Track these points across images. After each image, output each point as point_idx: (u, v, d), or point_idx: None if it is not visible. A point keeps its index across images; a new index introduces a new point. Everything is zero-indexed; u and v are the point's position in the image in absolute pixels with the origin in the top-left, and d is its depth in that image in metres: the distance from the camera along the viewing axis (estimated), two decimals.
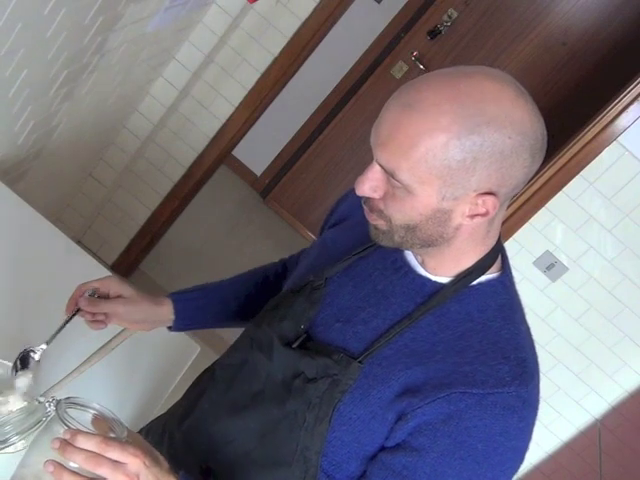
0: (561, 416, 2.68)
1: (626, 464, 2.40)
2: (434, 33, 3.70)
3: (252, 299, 1.32)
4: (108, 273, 1.83)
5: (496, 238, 0.97)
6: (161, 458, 0.94)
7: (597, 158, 2.37)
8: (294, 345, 1.02)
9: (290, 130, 4.21)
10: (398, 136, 0.86)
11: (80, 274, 1.73)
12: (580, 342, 2.57)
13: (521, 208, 2.47)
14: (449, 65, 0.90)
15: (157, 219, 2.98)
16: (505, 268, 0.99)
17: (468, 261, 0.95)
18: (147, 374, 1.57)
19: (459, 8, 3.65)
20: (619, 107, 2.32)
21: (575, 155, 2.39)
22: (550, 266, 2.50)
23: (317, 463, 0.96)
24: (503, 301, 0.96)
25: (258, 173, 4.37)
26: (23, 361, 1.28)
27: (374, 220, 0.94)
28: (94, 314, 1.22)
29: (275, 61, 2.67)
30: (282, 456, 0.99)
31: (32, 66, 1.69)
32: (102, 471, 0.86)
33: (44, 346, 1.28)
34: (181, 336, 1.78)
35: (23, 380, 1.24)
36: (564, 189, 2.42)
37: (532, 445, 2.55)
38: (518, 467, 0.94)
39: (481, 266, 0.95)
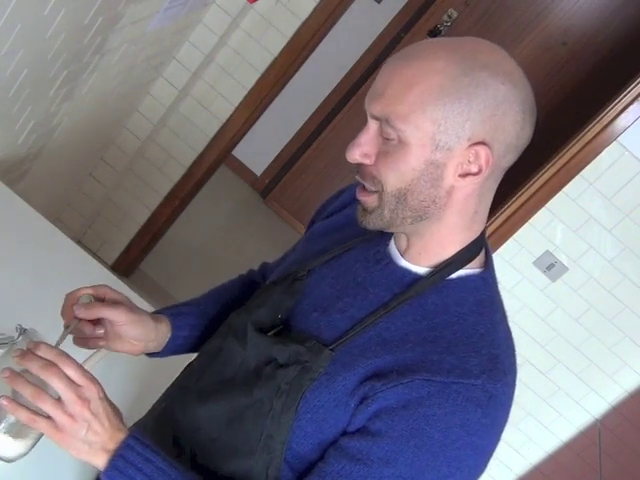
0: (561, 416, 2.68)
1: (626, 464, 2.40)
2: (434, 33, 3.70)
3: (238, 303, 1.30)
4: (108, 273, 1.84)
5: (482, 226, 0.96)
6: (117, 409, 0.93)
7: (597, 158, 2.37)
8: (269, 333, 1.01)
9: (290, 130, 4.21)
10: (394, 82, 0.87)
11: (80, 274, 1.74)
12: (580, 342, 2.57)
13: (521, 208, 2.47)
14: None
15: (157, 219, 2.98)
16: (488, 265, 0.98)
17: (452, 248, 0.93)
18: (146, 374, 1.57)
19: (459, 8, 3.65)
20: (619, 107, 2.32)
21: (575, 155, 2.39)
22: (550, 266, 2.50)
23: (281, 454, 0.94)
24: (483, 297, 0.95)
25: (258, 173, 4.37)
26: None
27: (365, 196, 0.92)
28: (93, 327, 1.10)
29: (275, 61, 2.67)
30: (246, 445, 0.97)
31: (32, 66, 1.69)
32: (55, 383, 0.84)
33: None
34: None
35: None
36: (564, 189, 2.42)
37: (532, 445, 2.54)
38: (479, 469, 0.90)
39: (462, 258, 0.94)
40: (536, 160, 2.69)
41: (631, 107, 2.30)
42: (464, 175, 0.88)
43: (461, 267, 0.94)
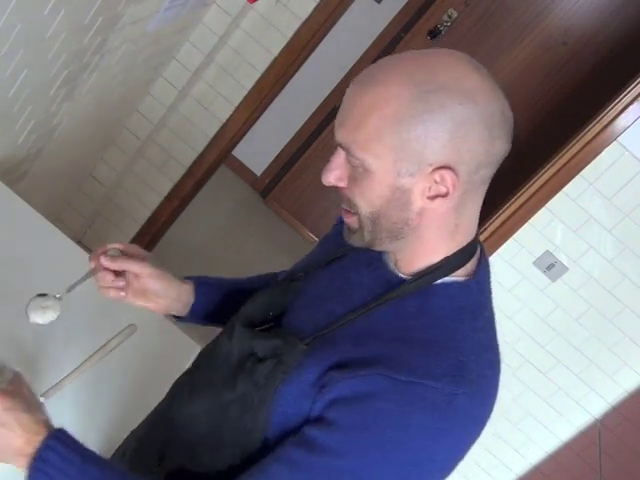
0: (561, 416, 2.68)
1: (626, 464, 2.40)
2: (434, 33, 3.70)
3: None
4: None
5: (468, 237, 0.94)
6: (41, 408, 0.96)
7: (597, 158, 2.37)
8: (258, 329, 1.02)
9: (290, 130, 4.21)
10: (353, 110, 0.87)
11: (80, 274, 1.73)
12: (580, 342, 2.57)
13: (521, 208, 2.47)
14: None
15: (157, 219, 2.98)
16: (477, 274, 0.96)
17: (435, 257, 0.93)
18: (147, 374, 1.57)
19: (459, 8, 3.65)
20: (619, 107, 2.32)
21: (575, 155, 2.39)
22: (550, 266, 2.50)
23: (260, 446, 0.95)
24: (463, 304, 0.93)
25: (258, 173, 4.37)
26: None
27: (348, 217, 0.94)
28: (115, 278, 1.16)
29: (275, 61, 2.67)
30: (231, 439, 0.98)
31: (32, 66, 1.69)
32: None
33: (58, 296, 1.23)
34: (181, 336, 1.78)
35: (36, 311, 1.21)
36: (564, 189, 2.42)
37: (532, 445, 2.55)
38: (434, 475, 0.87)
39: (447, 264, 0.93)
40: (536, 160, 2.69)
41: (631, 107, 2.30)
42: (433, 197, 0.87)
43: (445, 275, 0.93)
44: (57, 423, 0.96)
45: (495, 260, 2.53)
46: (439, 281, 0.93)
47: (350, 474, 0.85)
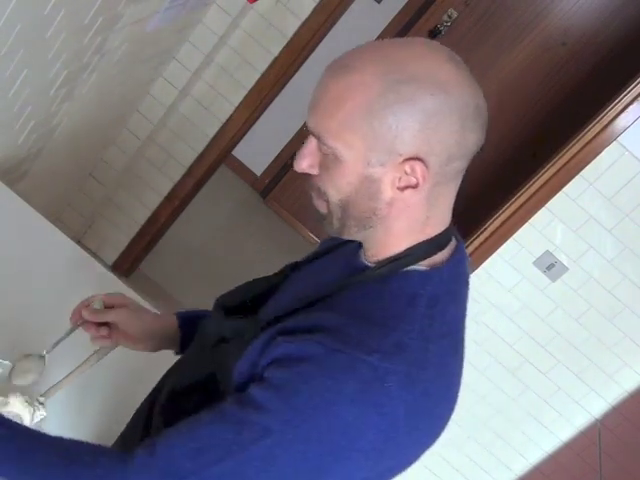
0: (561, 416, 2.68)
1: (626, 464, 2.40)
2: (434, 33, 3.70)
3: None
4: (108, 273, 1.84)
5: (439, 229, 0.93)
6: None
7: (597, 158, 2.37)
8: (232, 315, 1.05)
9: (290, 130, 4.21)
10: (325, 97, 0.87)
11: (80, 274, 1.74)
12: (580, 342, 2.57)
13: (521, 208, 2.47)
14: None
15: (157, 219, 2.98)
16: (443, 265, 0.94)
17: (404, 247, 0.93)
18: (146, 373, 1.57)
19: (459, 8, 3.65)
20: (619, 107, 2.32)
21: (575, 155, 2.39)
22: (550, 266, 2.50)
23: None
24: (421, 292, 0.91)
25: (258, 173, 4.37)
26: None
27: (316, 201, 0.94)
28: (98, 329, 1.22)
29: (275, 61, 2.67)
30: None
31: (32, 66, 1.69)
32: None
33: (45, 353, 1.28)
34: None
35: (19, 375, 1.24)
36: (564, 189, 2.42)
37: (532, 445, 2.55)
38: (343, 447, 0.83)
39: (412, 254, 0.92)
40: (536, 160, 2.69)
41: (631, 107, 2.30)
42: (403, 188, 0.87)
43: (408, 264, 0.92)
44: (57, 423, 0.96)
45: (495, 260, 2.53)
46: (402, 270, 0.93)
47: (273, 432, 0.84)
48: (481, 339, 2.60)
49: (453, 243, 0.97)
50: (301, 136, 4.17)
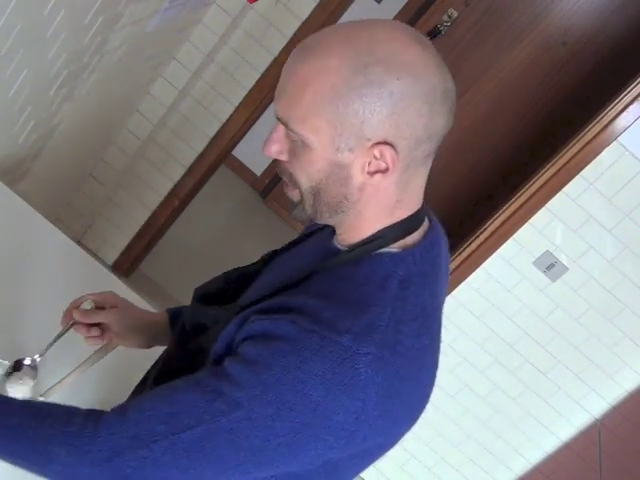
0: (561, 416, 2.68)
1: (626, 464, 2.40)
2: (434, 33, 3.70)
3: None
4: (108, 273, 1.84)
5: (410, 211, 0.93)
6: None
7: (597, 158, 2.37)
8: (212, 305, 1.07)
9: None
10: (290, 81, 0.86)
11: (80, 274, 1.74)
12: (580, 342, 2.57)
13: (521, 208, 2.47)
14: (448, 65, 0.90)
15: (157, 219, 2.98)
16: (415, 247, 0.94)
17: (375, 230, 0.93)
18: (144, 373, 1.57)
19: (459, 8, 3.65)
20: (619, 107, 2.32)
21: (575, 155, 2.39)
22: (550, 266, 2.50)
23: None
24: (392, 273, 0.91)
25: (258, 173, 4.37)
26: (16, 368, 1.28)
27: (288, 188, 0.94)
28: (89, 329, 1.23)
29: (275, 61, 2.67)
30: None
31: (32, 66, 1.69)
32: None
33: (37, 357, 1.28)
34: None
35: (14, 385, 1.24)
36: (564, 189, 2.42)
37: (532, 445, 2.55)
38: (310, 426, 0.83)
39: (383, 237, 0.92)
40: (536, 160, 2.69)
41: (631, 107, 2.30)
42: (373, 173, 0.87)
43: (380, 246, 0.92)
44: None
45: (495, 260, 2.53)
46: (374, 252, 0.93)
47: (243, 407, 0.84)
48: (481, 339, 2.60)
49: (426, 224, 0.97)
50: None
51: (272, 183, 4.33)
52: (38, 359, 1.28)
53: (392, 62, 0.83)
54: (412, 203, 0.93)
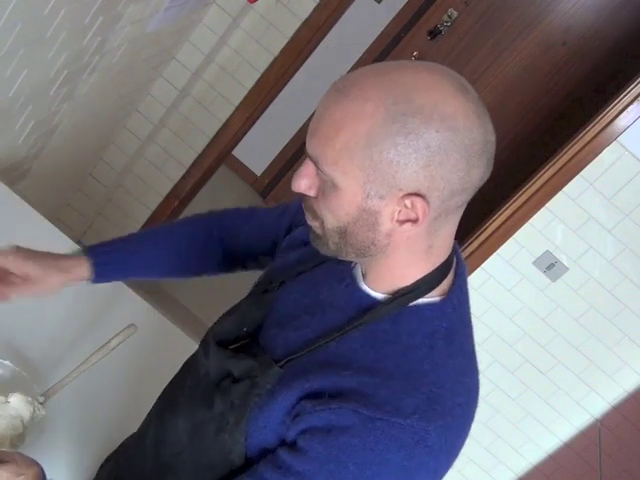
0: (561, 416, 2.68)
1: (626, 464, 2.40)
2: (434, 33, 3.70)
3: (178, 258, 1.29)
4: None
5: (444, 256, 0.90)
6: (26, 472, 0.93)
7: (597, 158, 2.36)
8: (232, 346, 1.01)
9: (290, 130, 4.21)
10: (325, 122, 0.83)
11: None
12: (580, 342, 2.57)
13: (521, 208, 2.47)
14: (448, 65, 0.88)
15: (157, 219, 2.98)
16: (452, 292, 0.92)
17: (408, 278, 0.90)
18: (146, 374, 1.57)
19: (459, 8, 3.65)
20: (619, 107, 2.32)
21: (575, 155, 2.39)
22: (550, 266, 2.50)
23: (241, 465, 0.94)
24: (437, 328, 0.89)
25: (258, 173, 4.37)
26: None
27: (311, 221, 0.91)
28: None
29: (275, 61, 2.67)
30: (209, 459, 0.98)
31: (32, 66, 1.69)
32: None
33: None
34: (181, 336, 1.78)
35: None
36: (564, 189, 2.42)
37: (532, 445, 2.55)
38: None
39: (421, 286, 0.89)
40: (536, 160, 2.69)
41: (631, 107, 2.30)
42: (402, 222, 0.84)
43: (419, 296, 0.90)
44: (57, 423, 0.96)
45: (495, 260, 2.53)
46: (413, 303, 0.90)
47: None
48: (481, 339, 2.60)
49: (453, 260, 0.94)
50: (301, 136, 4.17)
51: (272, 183, 4.33)
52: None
53: (431, 113, 0.79)
54: (444, 248, 0.90)
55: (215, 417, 0.97)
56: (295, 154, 4.21)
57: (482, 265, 2.54)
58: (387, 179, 0.81)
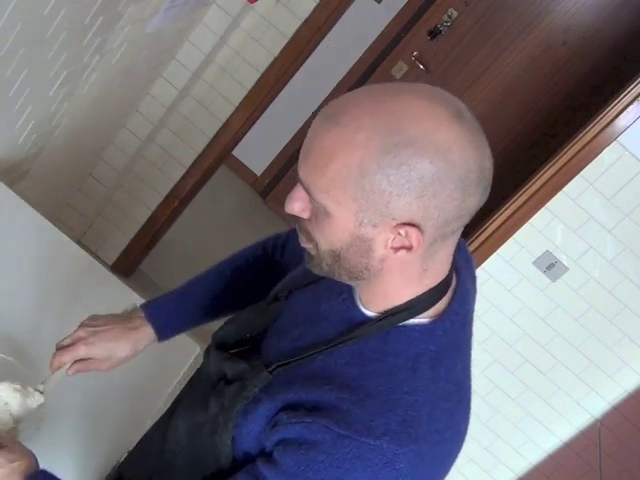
0: (561, 416, 2.68)
1: (626, 464, 2.40)
2: (434, 33, 3.70)
3: (229, 289, 1.32)
4: (108, 273, 1.84)
5: (438, 279, 0.89)
6: (17, 460, 0.97)
7: (597, 158, 2.36)
8: (233, 350, 1.02)
9: (290, 130, 4.21)
10: (315, 150, 0.81)
11: (80, 274, 1.74)
12: (580, 342, 2.57)
13: (521, 208, 2.47)
14: (448, 65, 0.88)
15: (157, 219, 2.98)
16: (445, 314, 0.90)
17: (400, 299, 0.88)
18: (146, 374, 1.57)
19: (459, 8, 3.65)
20: (619, 107, 2.31)
21: (575, 155, 2.39)
22: (550, 266, 2.50)
23: (230, 467, 0.95)
24: (423, 351, 0.87)
25: (258, 173, 4.37)
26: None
27: (305, 243, 0.89)
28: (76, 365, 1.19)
29: (275, 61, 2.67)
30: (203, 460, 0.99)
31: (32, 66, 1.69)
32: None
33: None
34: (181, 336, 1.78)
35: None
36: (564, 189, 2.41)
37: (532, 445, 2.55)
38: None
39: (415, 306, 0.88)
40: (536, 160, 2.69)
41: (631, 107, 2.30)
42: (397, 249, 0.83)
43: (411, 316, 0.89)
44: (57, 423, 0.96)
45: (495, 260, 2.53)
46: (402, 323, 0.89)
47: None
48: (481, 339, 2.60)
49: (454, 281, 0.93)
50: (301, 136, 4.17)
51: (272, 183, 4.33)
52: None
53: (424, 144, 0.76)
54: (440, 270, 0.89)
55: (210, 419, 0.98)
56: (295, 154, 4.21)
57: (482, 265, 2.54)
58: (380, 209, 0.79)
